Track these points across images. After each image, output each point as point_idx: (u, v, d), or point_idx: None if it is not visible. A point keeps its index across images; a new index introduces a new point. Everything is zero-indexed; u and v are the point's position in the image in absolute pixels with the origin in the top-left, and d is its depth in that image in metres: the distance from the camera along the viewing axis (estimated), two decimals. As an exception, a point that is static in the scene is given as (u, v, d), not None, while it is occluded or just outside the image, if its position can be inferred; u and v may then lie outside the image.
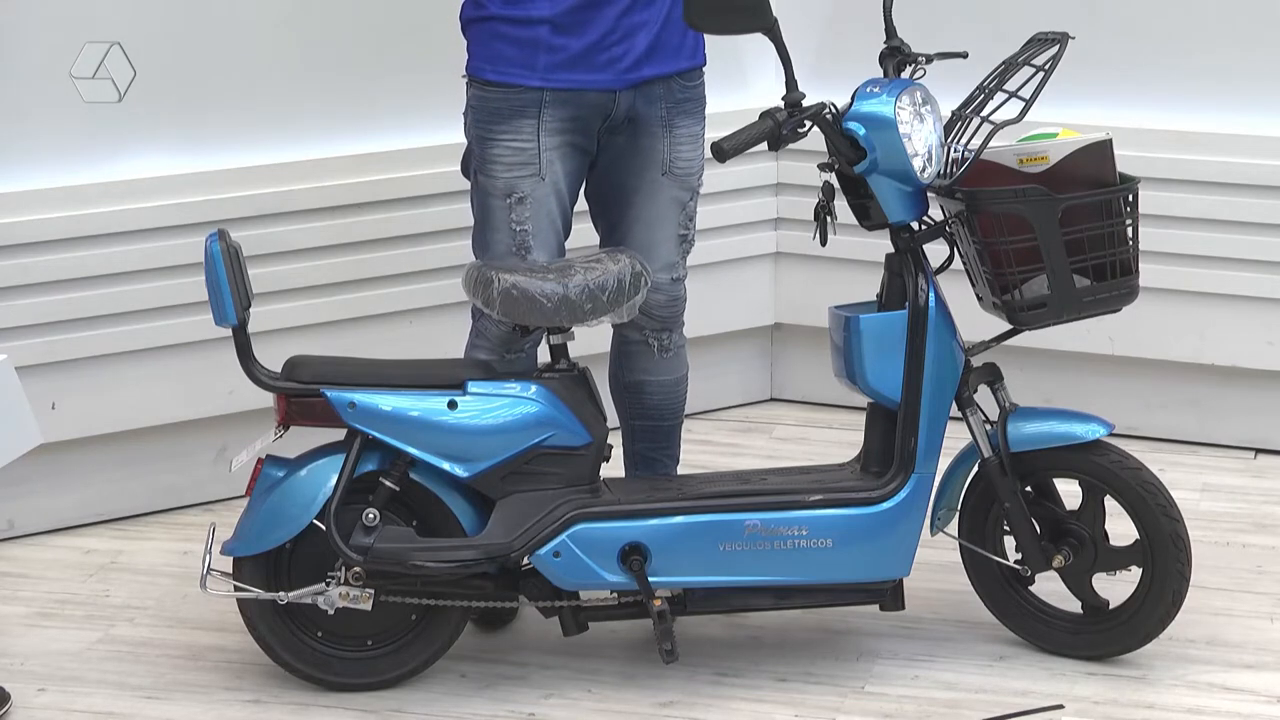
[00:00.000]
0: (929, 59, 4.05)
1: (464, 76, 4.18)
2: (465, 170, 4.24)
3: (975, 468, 4.11)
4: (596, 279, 3.92)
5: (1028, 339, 4.22)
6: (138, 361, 4.80)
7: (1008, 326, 4.10)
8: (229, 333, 3.93)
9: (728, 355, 5.55)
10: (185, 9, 4.78)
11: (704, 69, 4.20)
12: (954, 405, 4.03)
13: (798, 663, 4.15)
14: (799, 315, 5.54)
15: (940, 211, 4.11)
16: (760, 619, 4.30)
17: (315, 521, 3.93)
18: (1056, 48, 3.97)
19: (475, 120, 4.13)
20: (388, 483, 3.95)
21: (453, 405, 3.94)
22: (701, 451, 5.17)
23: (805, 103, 3.93)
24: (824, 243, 4.05)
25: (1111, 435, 4.06)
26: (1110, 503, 4.09)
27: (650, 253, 4.14)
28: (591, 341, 4.40)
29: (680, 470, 4.38)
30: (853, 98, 3.98)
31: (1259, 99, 5.12)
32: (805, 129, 3.93)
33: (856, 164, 3.95)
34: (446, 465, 3.94)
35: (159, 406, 4.85)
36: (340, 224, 4.96)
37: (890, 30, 4.09)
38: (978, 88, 4.08)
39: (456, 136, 5.11)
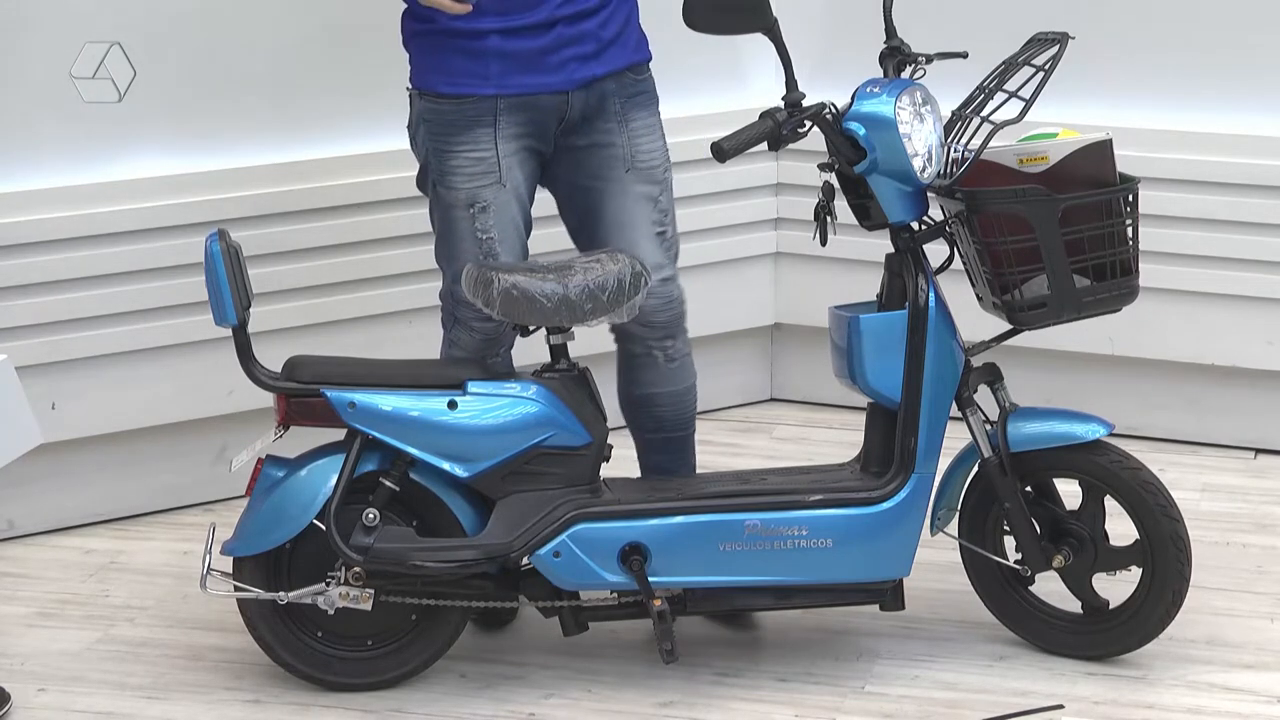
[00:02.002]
0: (929, 59, 4.05)
1: (409, 89, 4.16)
2: (421, 185, 4.22)
3: (975, 468, 4.11)
4: (596, 279, 3.92)
5: (1028, 339, 4.22)
6: (138, 361, 4.81)
7: (1008, 326, 4.10)
8: (229, 333, 3.93)
9: (728, 355, 5.55)
10: (185, 9, 4.78)
11: (649, 63, 4.19)
12: (954, 405, 4.03)
13: (798, 663, 4.15)
14: (799, 315, 5.54)
15: (940, 211, 4.11)
16: (760, 619, 4.30)
17: (315, 521, 3.93)
18: (1056, 48, 3.97)
19: (430, 133, 4.11)
20: (388, 483, 3.95)
21: (453, 405, 3.94)
22: (701, 451, 5.12)
23: (805, 103, 3.93)
24: (824, 243, 4.05)
25: (1111, 435, 4.06)
26: (1110, 503, 4.09)
27: (631, 255, 4.12)
28: (592, 341, 4.40)
29: (688, 473, 4.38)
30: (853, 98, 3.98)
31: (1259, 99, 5.12)
32: (805, 129, 3.93)
33: (856, 164, 3.95)
34: (446, 465, 3.94)
35: (159, 406, 4.85)
36: (340, 224, 4.96)
37: (890, 30, 4.08)
38: (978, 88, 4.08)
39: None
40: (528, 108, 4.05)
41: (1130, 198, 4.05)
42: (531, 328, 4.00)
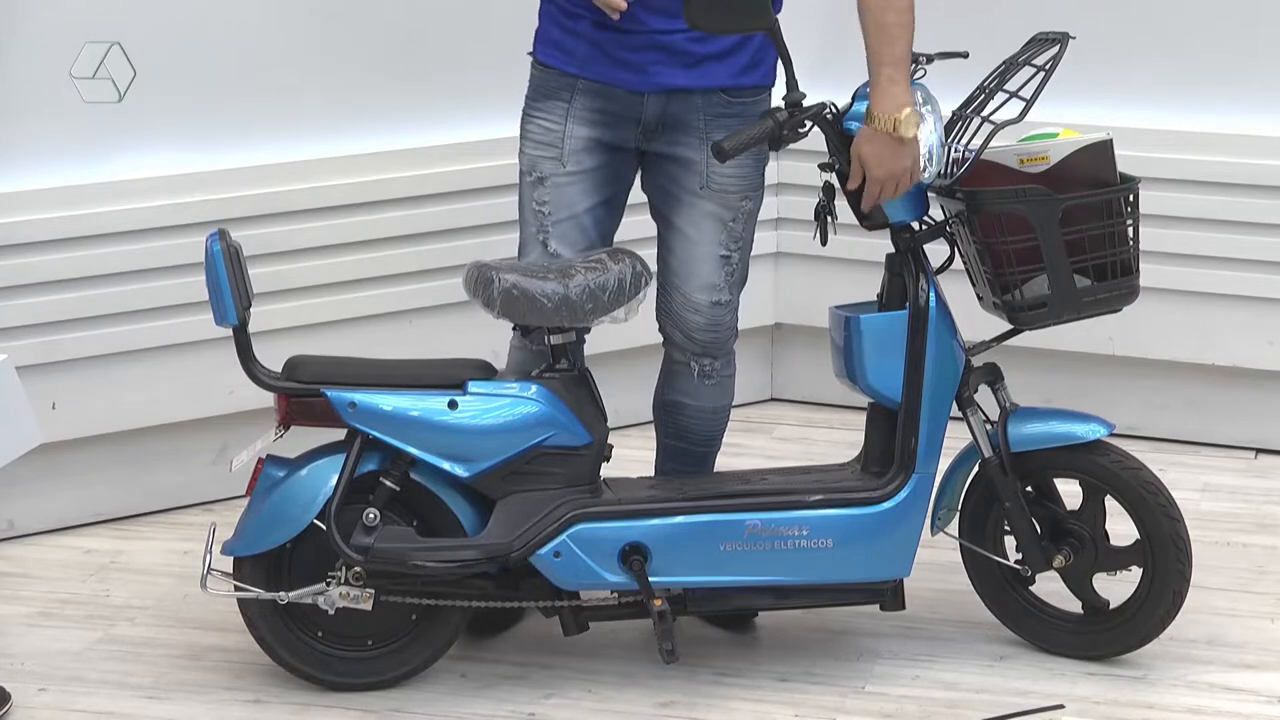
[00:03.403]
0: (929, 59, 4.05)
1: (528, 54, 4.17)
2: None
3: (976, 468, 4.11)
4: (597, 279, 3.92)
5: (1028, 339, 4.22)
6: (138, 361, 4.80)
7: (1008, 326, 4.10)
8: (229, 332, 3.93)
9: (728, 355, 5.54)
10: (185, 9, 4.78)
11: (767, 89, 4.10)
12: (954, 405, 4.03)
13: (798, 662, 4.15)
14: (799, 315, 5.54)
15: (941, 211, 4.11)
16: (761, 619, 4.30)
17: (316, 521, 3.93)
18: (1057, 48, 3.97)
19: (526, 97, 4.14)
20: (388, 482, 3.95)
21: (453, 405, 3.94)
22: (702, 451, 5.17)
23: (805, 103, 3.92)
24: (824, 243, 4.05)
25: (1112, 435, 4.06)
26: (1111, 503, 4.09)
27: (690, 270, 4.10)
28: (598, 341, 4.39)
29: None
30: (853, 98, 3.98)
31: (1259, 99, 5.12)
32: (805, 129, 3.93)
33: (857, 164, 3.96)
34: (447, 465, 3.94)
35: (159, 406, 4.85)
36: (341, 224, 4.96)
37: (891, 30, 4.08)
38: (978, 88, 4.08)
39: (456, 136, 5.12)
40: (603, 96, 4.03)
41: (1131, 198, 4.05)
42: (532, 327, 4.01)
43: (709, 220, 4.10)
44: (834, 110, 3.96)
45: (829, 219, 4.05)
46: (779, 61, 3.94)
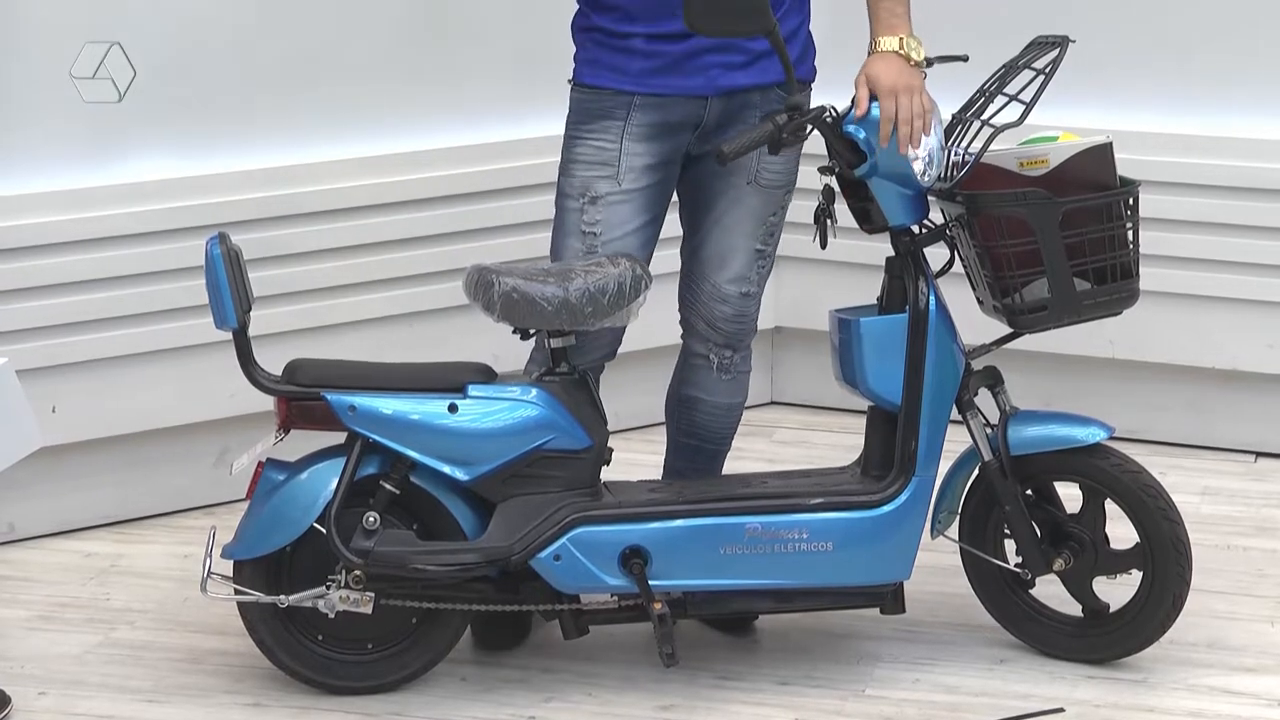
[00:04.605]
0: (929, 62, 4.05)
1: (569, 81, 4.16)
2: None
3: (976, 471, 4.11)
4: (596, 282, 3.92)
5: (1028, 342, 4.22)
6: (139, 364, 4.80)
7: (1008, 330, 4.10)
8: (230, 336, 3.93)
9: (728, 358, 5.54)
10: (185, 9, 4.78)
11: (810, 84, 4.12)
12: (954, 408, 4.03)
13: (799, 666, 4.15)
14: (799, 319, 5.54)
15: (940, 215, 4.11)
16: (761, 622, 4.30)
17: (316, 525, 3.93)
18: (1057, 51, 3.98)
19: (568, 123, 4.11)
20: (388, 486, 3.95)
21: (453, 409, 3.94)
22: (702, 454, 5.16)
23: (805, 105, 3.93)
24: (824, 246, 4.05)
25: (1112, 439, 4.06)
26: (1111, 506, 4.09)
27: (724, 260, 4.11)
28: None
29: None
30: (851, 100, 3.98)
31: (1259, 102, 5.12)
32: (805, 132, 3.93)
33: (857, 167, 3.95)
34: (447, 468, 3.94)
35: (160, 410, 4.85)
36: (341, 227, 4.96)
37: (891, 33, 4.08)
38: (978, 91, 4.09)
39: (456, 140, 5.11)
40: (662, 108, 4.02)
41: (1131, 201, 4.05)
42: (532, 331, 4.01)
43: (751, 215, 4.12)
44: (833, 113, 3.96)
45: (829, 222, 4.05)
46: (814, 55, 3.96)
